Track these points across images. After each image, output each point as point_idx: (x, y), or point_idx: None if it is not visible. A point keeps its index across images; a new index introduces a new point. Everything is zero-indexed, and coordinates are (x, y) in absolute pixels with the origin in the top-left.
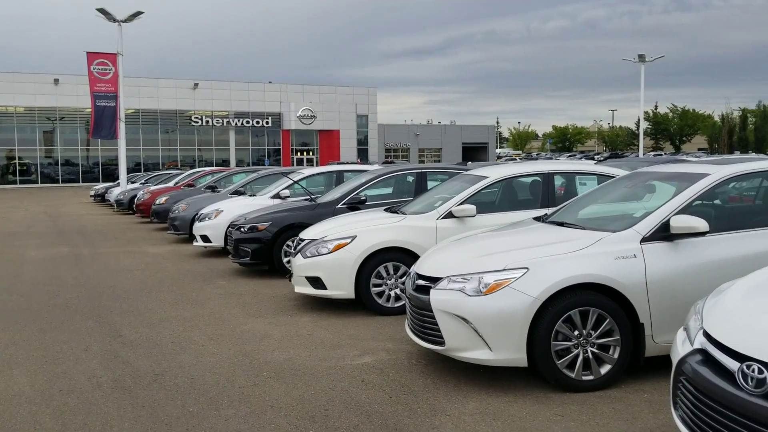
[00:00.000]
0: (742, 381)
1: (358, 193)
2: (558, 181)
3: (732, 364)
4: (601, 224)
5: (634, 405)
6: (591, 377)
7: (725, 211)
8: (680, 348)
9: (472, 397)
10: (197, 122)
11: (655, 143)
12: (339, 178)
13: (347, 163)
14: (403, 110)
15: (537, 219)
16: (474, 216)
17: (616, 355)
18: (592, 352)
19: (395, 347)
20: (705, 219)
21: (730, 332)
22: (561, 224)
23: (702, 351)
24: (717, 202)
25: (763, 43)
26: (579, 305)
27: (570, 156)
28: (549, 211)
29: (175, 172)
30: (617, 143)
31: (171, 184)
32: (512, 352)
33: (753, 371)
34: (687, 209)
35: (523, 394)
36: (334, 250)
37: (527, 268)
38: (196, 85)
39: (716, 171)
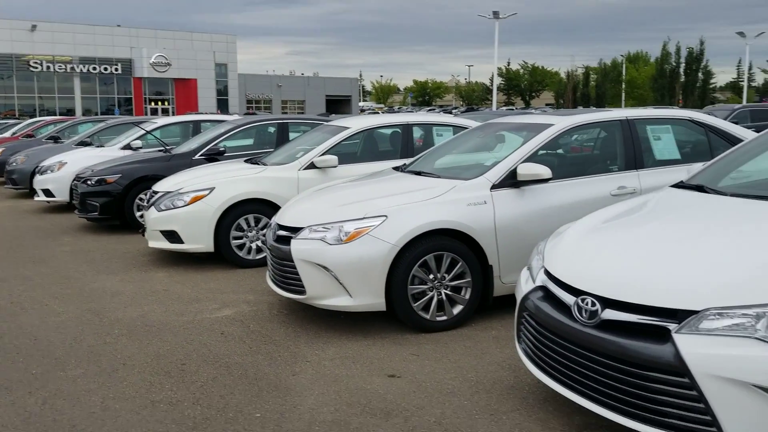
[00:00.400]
0: (578, 314)
1: (216, 144)
2: (416, 132)
3: (569, 299)
4: (455, 173)
5: (483, 341)
6: (444, 318)
7: (567, 160)
8: (524, 286)
9: (332, 343)
10: (36, 68)
11: (508, 98)
12: (196, 128)
13: (206, 114)
14: (264, 60)
15: (396, 169)
16: (336, 167)
17: (467, 296)
18: (446, 294)
19: (256, 299)
20: (549, 167)
21: (567, 270)
22: (418, 173)
23: (543, 288)
24: (560, 151)
25: (606, 4)
26: (434, 250)
27: (429, 110)
28: (408, 161)
29: (12, 121)
30: (473, 98)
31: (8, 134)
32: (372, 298)
33: (587, 304)
34: (533, 158)
35: (381, 336)
36: (190, 203)
37: (386, 216)
38: (34, 26)
39: (559, 122)
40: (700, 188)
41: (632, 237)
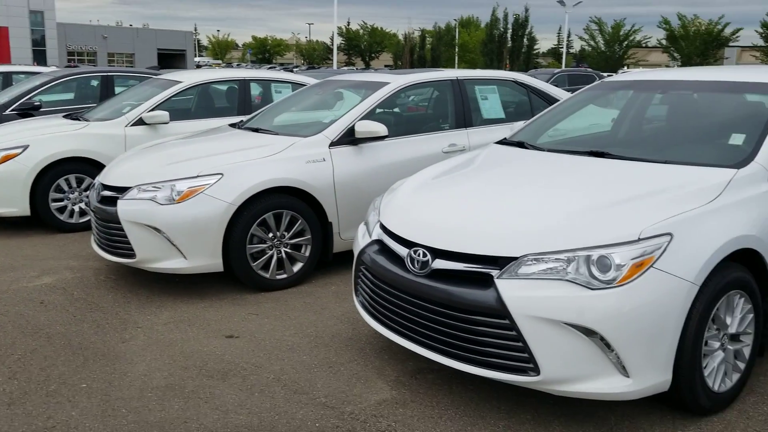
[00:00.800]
0: (410, 265)
1: (30, 98)
2: (255, 89)
3: (402, 251)
4: (293, 130)
5: (323, 297)
6: (285, 276)
7: (402, 118)
8: (361, 241)
9: (166, 307)
10: None
11: (348, 58)
12: (6, 80)
13: (19, 65)
14: (87, 9)
15: (233, 126)
16: (167, 123)
17: (307, 254)
18: (286, 252)
19: (80, 265)
20: (385, 125)
21: (400, 223)
22: (256, 130)
23: (379, 242)
24: (396, 109)
25: None
26: (273, 208)
27: (270, 67)
28: (245, 118)
29: None
30: (314, 57)
31: None
32: (208, 259)
33: (419, 255)
34: (370, 115)
35: (219, 298)
36: (1, 162)
37: (222, 173)
38: None
39: (394, 80)
40: (521, 144)
41: (459, 191)
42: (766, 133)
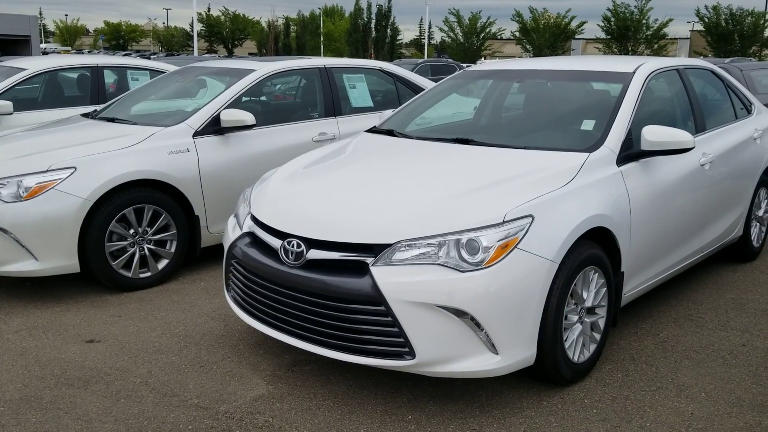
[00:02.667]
0: (284, 256)
1: None
2: (109, 77)
3: (276, 243)
4: (153, 120)
5: (191, 294)
6: (149, 274)
7: (270, 107)
8: (231, 234)
9: (16, 313)
10: None
11: (210, 45)
12: None
13: None
14: None
15: (86, 116)
16: (11, 113)
17: (173, 249)
18: (149, 249)
19: None
20: (253, 114)
21: (272, 214)
22: (112, 120)
23: (250, 234)
24: (263, 98)
25: None
26: (134, 203)
27: (125, 54)
28: (100, 107)
29: None
30: (173, 44)
31: None
32: (62, 259)
33: (293, 246)
34: (236, 104)
35: (76, 301)
36: None
37: (75, 167)
38: None
39: (261, 67)
40: (390, 132)
41: (332, 180)
42: (613, 119)
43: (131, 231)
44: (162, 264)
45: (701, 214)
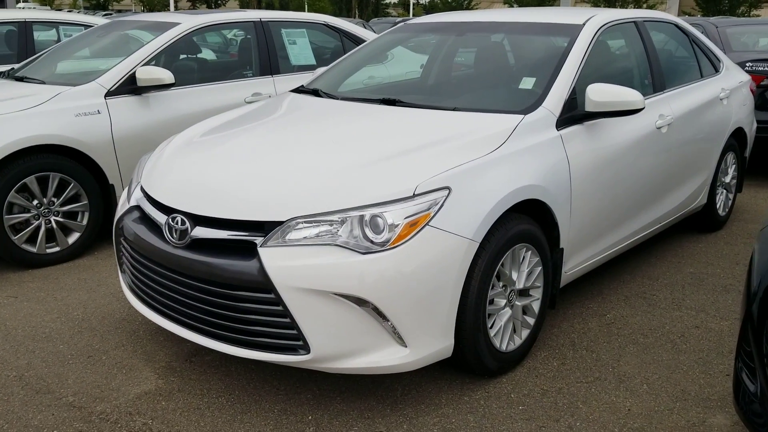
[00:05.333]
0: (168, 234)
1: None
2: (40, 33)
3: (161, 218)
4: (67, 79)
5: (102, 271)
6: (57, 249)
7: (197, 64)
8: (120, 207)
9: None
10: None
11: (192, 5)
12: None
13: None
14: None
15: (0, 75)
16: None
17: (85, 222)
18: (57, 222)
19: None
20: (177, 71)
21: (160, 186)
22: (21, 79)
23: (139, 208)
24: (190, 55)
25: None
26: (36, 171)
27: (106, 14)
28: (18, 65)
29: None
30: (154, 3)
31: None
32: None
33: (177, 223)
34: (157, 61)
35: None
36: None
37: None
38: None
39: (186, 20)
40: (315, 92)
41: (229, 148)
42: (555, 76)
43: (35, 202)
44: (73, 238)
45: (658, 181)
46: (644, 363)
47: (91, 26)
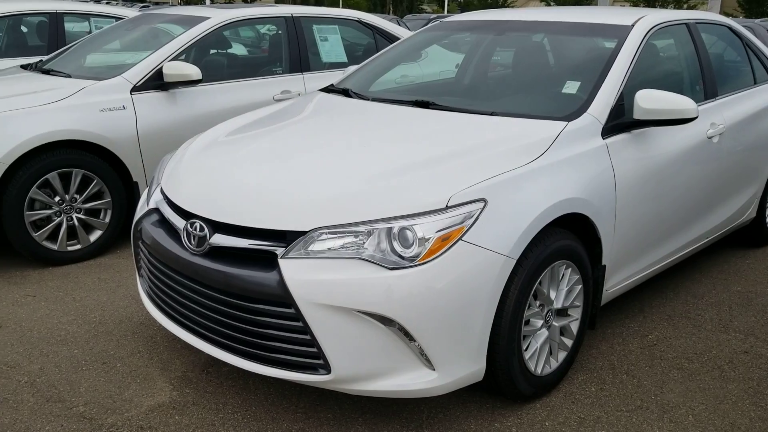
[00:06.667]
0: (186, 240)
1: None
2: (71, 25)
3: (180, 223)
4: (94, 73)
5: (123, 271)
6: (78, 246)
7: (226, 60)
8: (139, 208)
9: None
10: None
11: None
12: None
13: None
14: None
15: (26, 67)
16: None
17: (107, 219)
18: (79, 219)
19: None
20: (206, 67)
21: (180, 189)
22: (48, 72)
23: (158, 210)
24: (219, 50)
25: None
26: (59, 167)
27: (144, 6)
28: (46, 57)
29: None
30: None
31: None
32: None
33: (195, 229)
34: (186, 56)
35: None
36: None
37: None
38: None
39: (216, 15)
40: (345, 92)
41: (253, 149)
42: (602, 81)
43: (57, 198)
44: (95, 235)
45: (706, 194)
46: (689, 391)
47: (123, 19)
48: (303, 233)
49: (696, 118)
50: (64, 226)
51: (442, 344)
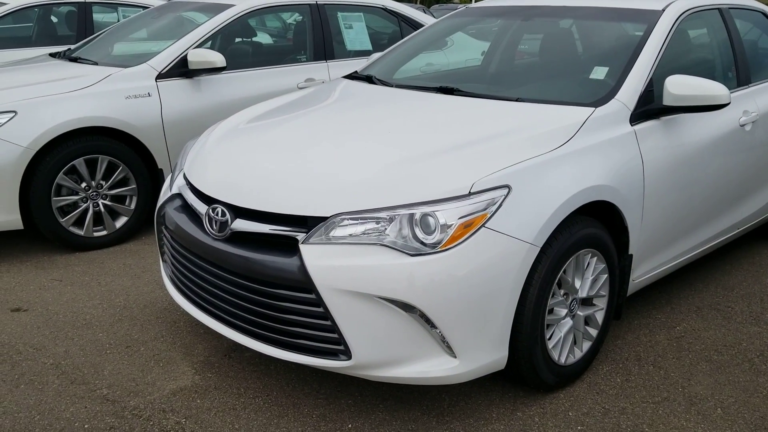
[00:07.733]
0: (208, 225)
1: None
2: (99, 14)
3: (202, 209)
4: (120, 60)
5: (147, 257)
6: (105, 232)
7: (250, 48)
8: (162, 194)
9: None
10: None
11: None
12: None
13: None
14: None
15: (54, 55)
16: None
17: (133, 206)
18: (105, 205)
19: None
20: (230, 54)
21: (202, 175)
22: (75, 60)
23: (180, 196)
24: (244, 38)
25: None
26: (85, 153)
27: None
28: (74, 46)
29: None
30: None
31: None
32: (1, 214)
33: (217, 214)
34: (211, 43)
35: (19, 261)
36: None
37: (15, 111)
38: None
39: (240, 2)
40: (369, 79)
41: (275, 135)
42: (630, 66)
43: (83, 185)
44: (121, 222)
45: (737, 184)
46: (718, 384)
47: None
48: (324, 219)
49: (728, 104)
50: (91, 212)
51: (464, 332)
